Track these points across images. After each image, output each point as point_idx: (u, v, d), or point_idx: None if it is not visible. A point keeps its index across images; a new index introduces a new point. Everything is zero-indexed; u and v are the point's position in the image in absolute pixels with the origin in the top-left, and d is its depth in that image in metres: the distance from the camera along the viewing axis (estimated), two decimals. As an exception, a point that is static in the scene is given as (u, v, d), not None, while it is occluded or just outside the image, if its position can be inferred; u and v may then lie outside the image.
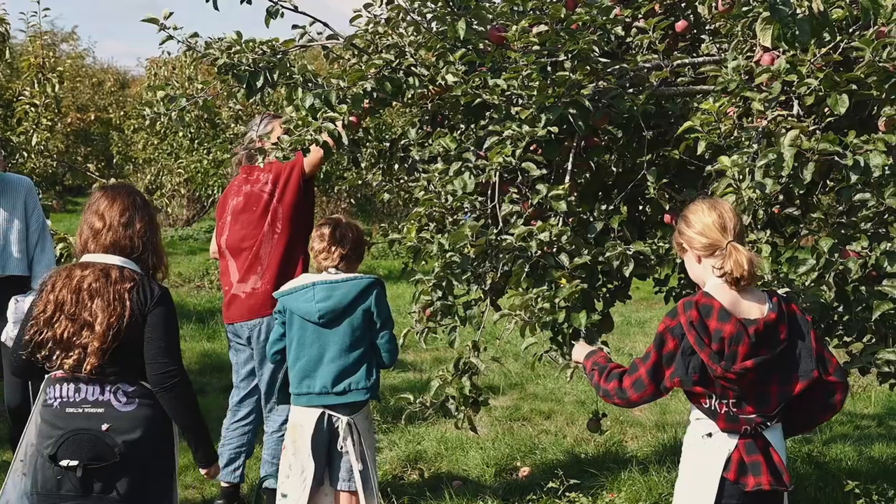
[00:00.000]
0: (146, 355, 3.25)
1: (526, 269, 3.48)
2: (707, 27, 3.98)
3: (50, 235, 5.26)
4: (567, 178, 3.67)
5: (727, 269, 2.99)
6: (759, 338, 2.99)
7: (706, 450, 3.09)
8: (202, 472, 3.54)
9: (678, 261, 3.47)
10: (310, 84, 3.79)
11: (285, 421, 4.80)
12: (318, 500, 4.17)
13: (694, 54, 3.96)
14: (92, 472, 3.18)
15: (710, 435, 3.09)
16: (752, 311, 3.03)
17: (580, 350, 3.47)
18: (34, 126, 7.51)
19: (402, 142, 4.24)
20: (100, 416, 3.21)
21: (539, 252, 3.44)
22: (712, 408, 3.06)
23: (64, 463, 3.17)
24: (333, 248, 4.13)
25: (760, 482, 3.02)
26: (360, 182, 12.97)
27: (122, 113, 18.48)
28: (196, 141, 13.73)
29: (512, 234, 3.44)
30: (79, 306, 3.21)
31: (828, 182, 3.58)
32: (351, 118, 3.68)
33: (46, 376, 3.31)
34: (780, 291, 3.23)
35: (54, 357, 3.24)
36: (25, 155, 7.58)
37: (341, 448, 4.08)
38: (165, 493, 3.34)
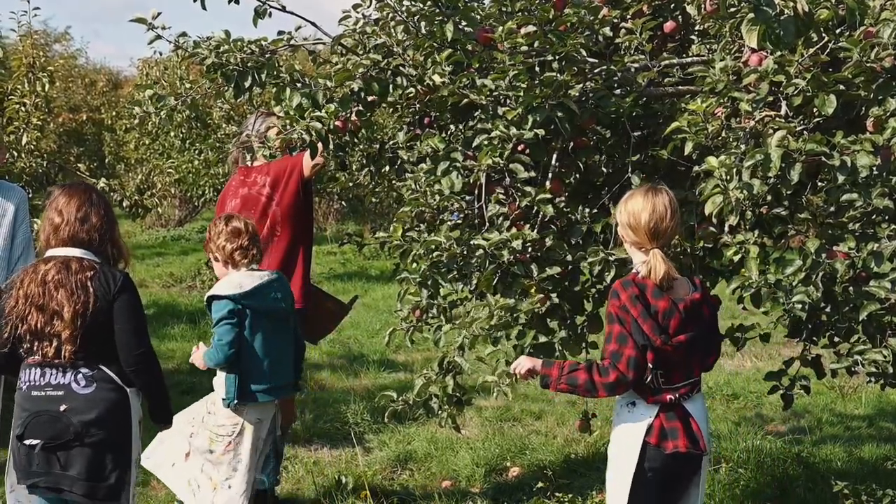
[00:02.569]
0: (118, 339, 3.49)
1: (497, 276, 3.50)
2: (696, 28, 3.97)
3: (34, 251, 5.00)
4: (549, 178, 3.66)
5: (643, 274, 3.27)
6: (687, 314, 3.28)
7: (630, 418, 3.36)
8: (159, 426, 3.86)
9: None
10: (297, 84, 3.78)
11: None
12: None
13: (683, 55, 3.96)
14: (51, 450, 3.44)
15: (633, 404, 3.36)
16: (679, 290, 3.32)
17: (528, 361, 3.46)
18: (24, 125, 7.49)
19: (391, 143, 4.23)
20: (59, 399, 3.44)
21: (511, 258, 3.45)
22: (646, 381, 3.30)
23: (28, 442, 3.44)
24: (251, 245, 4.15)
25: (678, 445, 3.29)
26: (351, 183, 12.95)
27: (114, 113, 18.41)
28: (187, 141, 13.68)
29: (486, 241, 3.43)
30: (46, 297, 3.43)
31: (817, 183, 3.58)
32: (336, 122, 3.66)
33: (22, 363, 3.55)
34: (767, 291, 3.25)
35: (35, 348, 3.47)
36: (15, 154, 7.54)
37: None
38: (124, 470, 3.54)
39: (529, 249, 3.51)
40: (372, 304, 10.95)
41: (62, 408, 3.43)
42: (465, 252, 3.43)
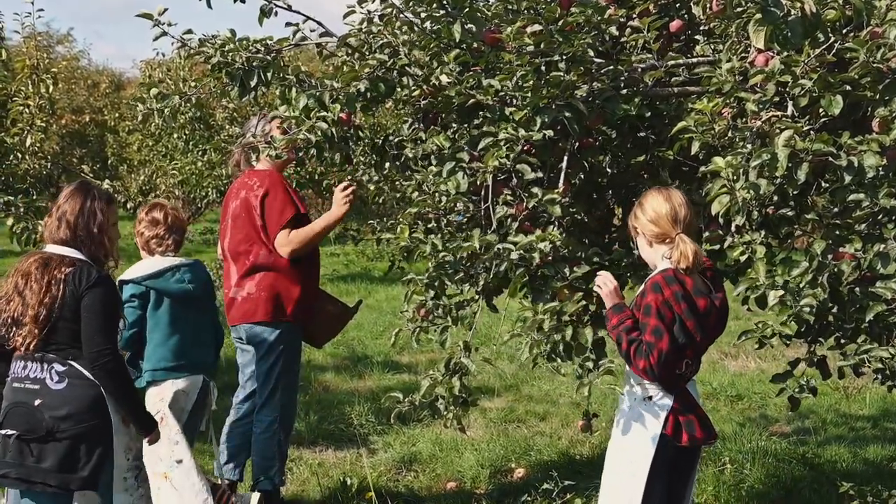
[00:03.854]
0: (82, 335, 3.54)
1: (525, 279, 3.49)
2: (702, 28, 3.96)
3: None
4: (562, 181, 3.65)
5: (675, 259, 3.36)
6: (720, 310, 3.42)
7: (647, 411, 3.45)
8: (143, 441, 3.84)
9: None
10: (303, 84, 3.77)
11: (273, 421, 4.83)
12: None
13: (689, 55, 3.95)
14: (25, 443, 3.50)
15: (650, 398, 3.44)
16: (703, 286, 3.42)
17: (614, 284, 3.48)
18: (28, 127, 7.49)
19: (395, 139, 4.21)
20: (35, 392, 3.53)
21: (539, 260, 3.44)
22: (681, 372, 3.40)
23: (4, 431, 3.53)
24: (168, 235, 4.40)
25: (695, 437, 3.42)
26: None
27: (116, 115, 18.45)
28: (190, 142, 13.68)
29: (514, 244, 3.42)
30: (25, 289, 3.53)
31: (822, 183, 3.57)
32: (341, 115, 3.66)
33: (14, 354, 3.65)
34: (774, 293, 3.24)
35: (11, 335, 3.57)
36: (19, 156, 7.55)
37: (213, 409, 4.56)
38: (98, 465, 3.58)
39: (555, 251, 3.50)
40: (375, 306, 10.95)
41: (37, 402, 3.50)
42: (495, 258, 3.43)
